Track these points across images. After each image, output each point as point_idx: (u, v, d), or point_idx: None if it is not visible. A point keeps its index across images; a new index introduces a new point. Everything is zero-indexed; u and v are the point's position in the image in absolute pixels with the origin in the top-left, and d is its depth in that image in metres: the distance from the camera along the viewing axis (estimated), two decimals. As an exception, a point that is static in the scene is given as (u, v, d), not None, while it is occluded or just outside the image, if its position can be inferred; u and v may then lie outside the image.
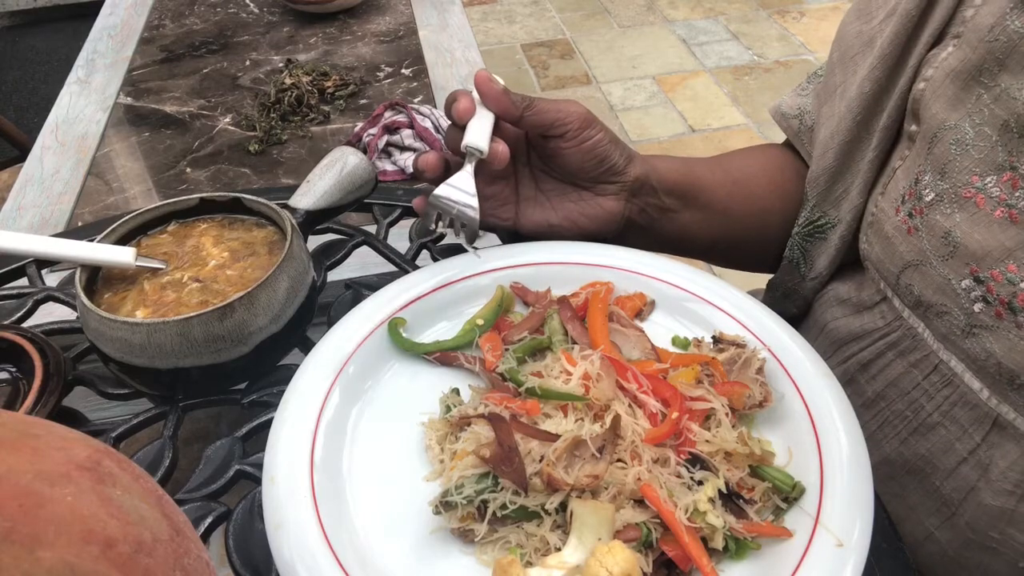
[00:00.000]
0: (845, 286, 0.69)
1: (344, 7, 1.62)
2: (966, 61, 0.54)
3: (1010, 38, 0.51)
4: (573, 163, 0.65)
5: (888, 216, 0.60)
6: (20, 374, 0.59)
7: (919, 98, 0.58)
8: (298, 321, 0.60)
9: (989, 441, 0.56)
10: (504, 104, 0.62)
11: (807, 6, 3.52)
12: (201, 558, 0.33)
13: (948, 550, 0.60)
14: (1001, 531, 0.57)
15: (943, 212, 0.55)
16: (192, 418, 0.60)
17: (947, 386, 0.58)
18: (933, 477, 0.60)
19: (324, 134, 1.31)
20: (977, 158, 0.53)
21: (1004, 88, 0.51)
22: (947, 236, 0.55)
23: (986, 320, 0.53)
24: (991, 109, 0.52)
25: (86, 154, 1.27)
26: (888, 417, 0.63)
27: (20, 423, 0.32)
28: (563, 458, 0.47)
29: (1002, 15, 0.52)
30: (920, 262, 0.57)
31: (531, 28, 3.50)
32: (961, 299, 0.54)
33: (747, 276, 0.88)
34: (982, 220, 0.53)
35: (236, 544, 0.49)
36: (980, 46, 0.53)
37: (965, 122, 0.54)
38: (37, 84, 3.17)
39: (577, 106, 0.64)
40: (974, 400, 0.56)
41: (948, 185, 0.55)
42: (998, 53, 0.51)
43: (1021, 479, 0.55)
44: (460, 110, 0.61)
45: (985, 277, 0.53)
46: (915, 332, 0.60)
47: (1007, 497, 0.55)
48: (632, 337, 0.58)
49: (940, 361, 0.58)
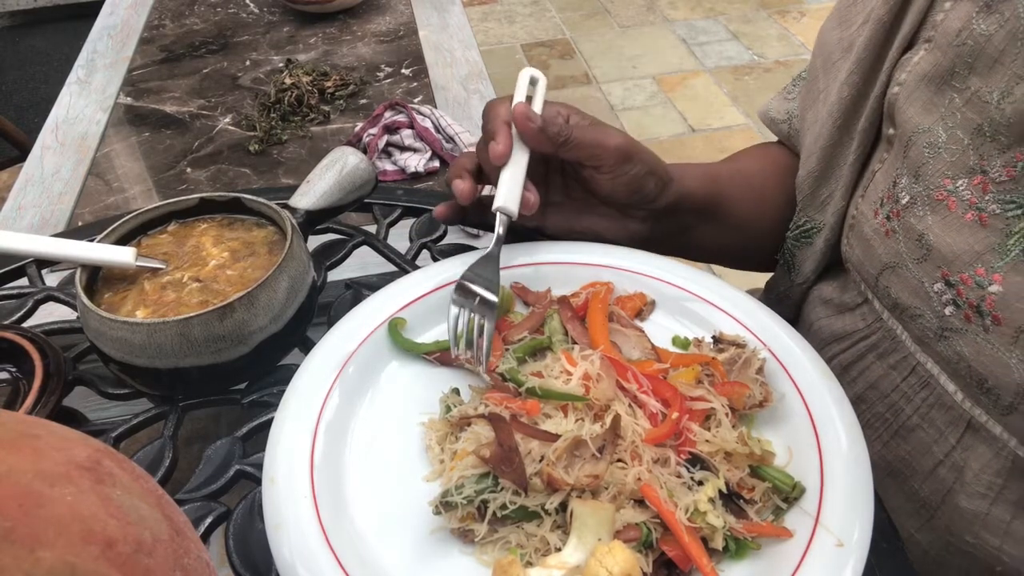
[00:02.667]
0: (829, 287, 0.69)
1: (344, 7, 1.62)
2: (937, 65, 0.54)
3: (977, 41, 0.51)
4: (605, 190, 0.64)
5: (867, 219, 0.61)
6: (20, 374, 0.59)
7: (893, 102, 0.58)
8: (298, 321, 0.60)
9: (963, 444, 0.56)
10: (541, 142, 0.61)
11: (807, 6, 3.52)
12: (201, 558, 0.33)
13: (929, 552, 0.61)
14: (976, 534, 0.57)
15: (917, 215, 0.55)
16: (192, 418, 0.60)
17: (924, 388, 0.58)
18: (912, 480, 0.60)
19: (324, 134, 1.31)
20: (949, 161, 0.53)
21: (975, 91, 0.51)
22: (921, 238, 0.55)
23: (956, 323, 0.53)
24: (962, 112, 0.52)
25: (86, 154, 1.27)
26: (869, 420, 0.63)
27: (20, 423, 0.32)
28: (563, 458, 0.47)
29: (969, 19, 0.52)
30: (897, 264, 0.57)
31: (531, 28, 3.50)
32: (933, 302, 0.55)
33: (747, 276, 0.88)
34: (953, 223, 0.53)
35: (236, 544, 0.49)
36: (950, 50, 0.53)
37: (938, 126, 0.54)
38: (37, 84, 3.18)
39: (616, 137, 0.62)
40: (949, 402, 0.57)
41: (922, 188, 0.55)
42: (967, 56, 0.52)
43: (993, 481, 0.55)
44: (498, 154, 0.60)
45: (955, 280, 0.53)
46: (894, 334, 0.61)
47: (980, 500, 0.56)
48: (632, 337, 0.58)
49: (917, 363, 0.59)
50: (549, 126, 0.61)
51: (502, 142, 0.60)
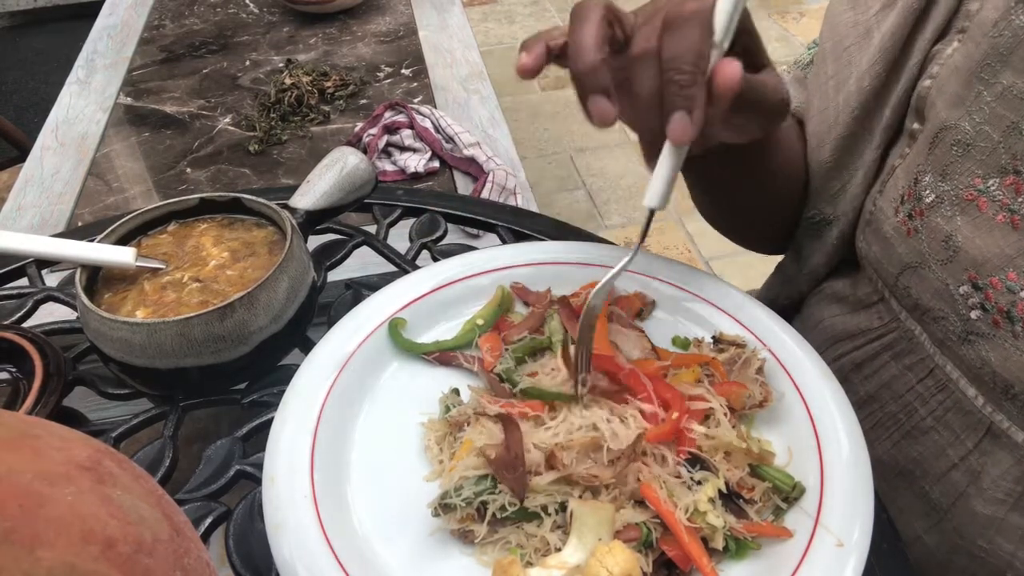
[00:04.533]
0: (842, 283, 0.68)
1: (344, 7, 1.62)
2: (970, 57, 0.52)
3: (1015, 34, 0.49)
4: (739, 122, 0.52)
5: (887, 216, 0.59)
6: (20, 374, 0.59)
7: (925, 96, 0.56)
8: (298, 321, 0.60)
9: (981, 449, 0.55)
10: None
11: (807, 6, 3.52)
12: (201, 558, 0.33)
13: (936, 554, 0.60)
14: (989, 539, 0.56)
15: (944, 215, 0.53)
16: (192, 418, 0.60)
17: (941, 391, 0.57)
18: (923, 481, 0.59)
19: (324, 134, 1.31)
20: (979, 159, 0.51)
21: (1007, 86, 0.49)
22: (948, 240, 0.53)
23: (983, 328, 0.52)
24: (992, 108, 0.50)
25: (86, 154, 1.27)
26: (880, 419, 0.62)
27: (20, 423, 0.32)
28: (575, 450, 0.47)
29: (1007, 9, 0.49)
30: (919, 265, 0.55)
31: (531, 28, 3.49)
32: (958, 305, 0.53)
33: (747, 276, 0.88)
34: (983, 225, 0.51)
35: (236, 544, 0.49)
36: (984, 41, 0.50)
37: (965, 121, 0.52)
38: (37, 84, 3.17)
39: (780, 85, 0.53)
40: (968, 407, 0.55)
41: (949, 187, 0.53)
42: (1002, 49, 0.49)
43: (1012, 488, 0.54)
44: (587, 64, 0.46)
45: (984, 284, 0.51)
46: (912, 335, 0.59)
47: (997, 506, 0.55)
48: (632, 337, 0.58)
49: (936, 366, 0.57)
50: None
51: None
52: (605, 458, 0.47)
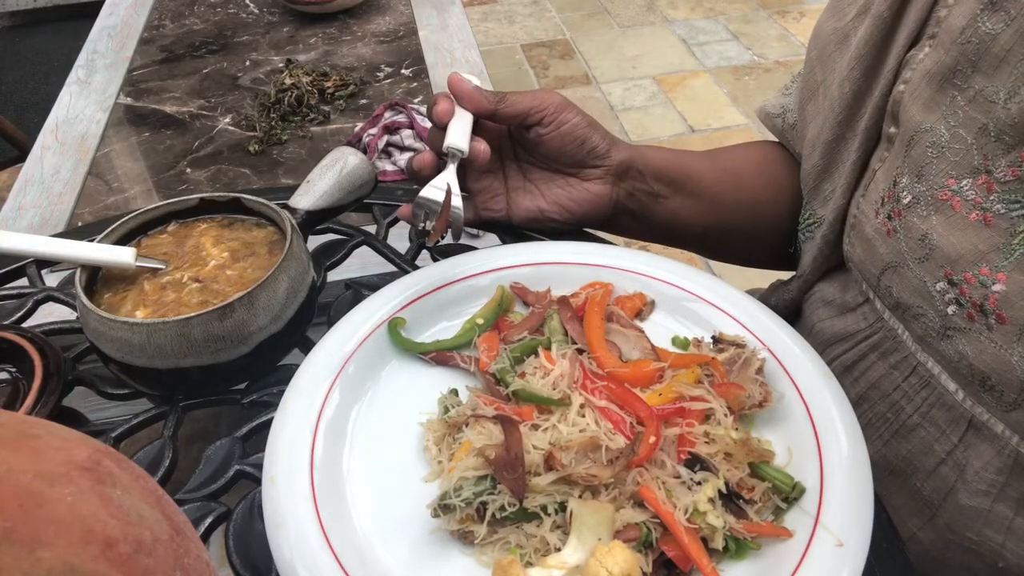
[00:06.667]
0: (831, 287, 0.69)
1: (344, 7, 1.62)
2: (940, 63, 0.53)
3: (982, 40, 0.50)
4: (554, 148, 0.67)
5: (868, 218, 0.61)
6: (20, 374, 0.59)
7: (899, 100, 0.58)
8: (298, 321, 0.60)
9: (965, 442, 0.56)
10: (477, 101, 0.65)
11: (807, 6, 3.52)
12: (201, 558, 0.33)
13: (931, 550, 0.61)
14: (978, 532, 0.57)
15: (920, 214, 0.55)
16: (192, 418, 0.60)
17: (925, 388, 0.58)
18: (914, 478, 0.60)
19: (324, 134, 1.31)
20: (953, 161, 0.53)
21: (978, 90, 0.51)
22: (924, 238, 0.55)
23: (959, 322, 0.53)
24: (965, 111, 0.52)
25: (86, 154, 1.27)
26: (871, 419, 0.63)
27: (20, 423, 0.32)
28: (574, 450, 0.47)
29: (973, 16, 0.51)
30: (898, 264, 0.57)
31: (531, 28, 3.49)
32: (936, 301, 0.55)
33: (747, 276, 0.88)
34: (958, 223, 0.53)
35: (236, 544, 0.49)
36: (953, 48, 0.52)
37: (940, 124, 0.53)
38: (37, 84, 3.17)
39: (551, 94, 0.67)
40: (950, 401, 0.57)
41: (925, 187, 0.55)
42: (971, 55, 0.51)
43: (995, 479, 0.55)
44: (439, 112, 0.64)
45: (959, 280, 0.53)
46: (895, 334, 0.61)
47: (982, 497, 0.56)
48: (632, 337, 0.58)
49: (918, 363, 0.59)
50: (483, 90, 0.65)
51: (443, 102, 0.65)
52: (604, 458, 0.47)
